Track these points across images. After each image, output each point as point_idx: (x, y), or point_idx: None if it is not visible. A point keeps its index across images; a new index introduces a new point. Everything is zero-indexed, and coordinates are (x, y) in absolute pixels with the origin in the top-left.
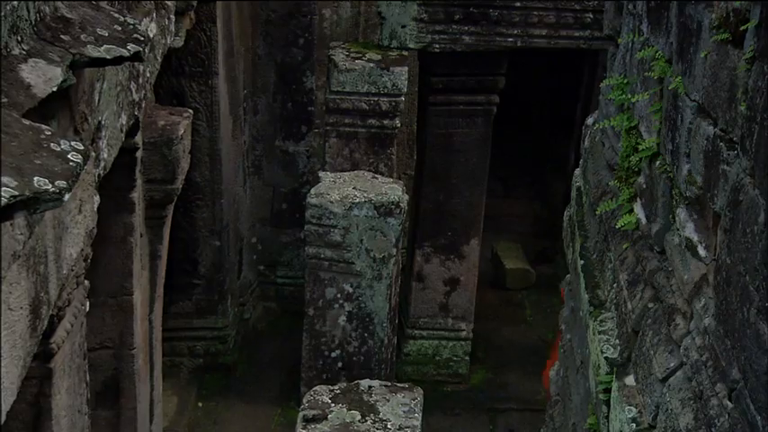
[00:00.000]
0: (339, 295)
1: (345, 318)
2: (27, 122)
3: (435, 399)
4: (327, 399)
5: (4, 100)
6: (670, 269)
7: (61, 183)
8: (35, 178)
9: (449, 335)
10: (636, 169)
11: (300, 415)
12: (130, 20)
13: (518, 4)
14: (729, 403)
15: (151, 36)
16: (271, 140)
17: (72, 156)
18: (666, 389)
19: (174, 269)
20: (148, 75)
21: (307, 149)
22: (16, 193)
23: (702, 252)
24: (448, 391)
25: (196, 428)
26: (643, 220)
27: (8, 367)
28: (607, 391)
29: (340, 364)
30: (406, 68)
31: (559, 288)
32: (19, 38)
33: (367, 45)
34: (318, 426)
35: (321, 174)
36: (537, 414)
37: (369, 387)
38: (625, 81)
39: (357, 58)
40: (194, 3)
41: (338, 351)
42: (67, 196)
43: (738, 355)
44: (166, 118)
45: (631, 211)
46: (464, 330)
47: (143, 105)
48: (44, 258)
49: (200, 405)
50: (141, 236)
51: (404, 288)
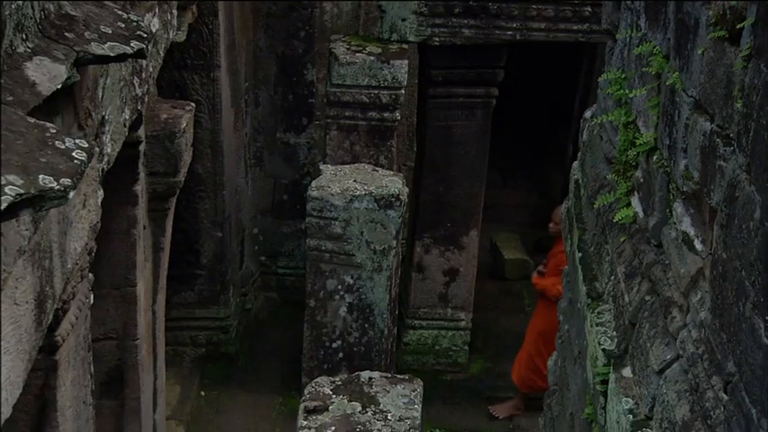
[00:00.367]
0: (340, 287)
1: (346, 309)
2: (32, 120)
3: (435, 388)
4: (328, 390)
5: (10, 98)
6: (667, 263)
7: (66, 180)
8: (40, 176)
9: (448, 325)
10: (633, 163)
11: (302, 406)
12: (134, 17)
13: None
14: (725, 396)
15: (154, 32)
16: (272, 132)
17: (77, 153)
18: (663, 381)
19: (177, 260)
20: (151, 69)
21: (307, 141)
22: (22, 192)
23: (699, 246)
24: (447, 380)
25: (198, 417)
26: (640, 214)
27: (14, 361)
28: (604, 383)
29: (341, 355)
30: (407, 61)
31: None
32: (24, 36)
33: (367, 38)
34: (319, 417)
35: (322, 166)
36: (534, 402)
37: (369, 378)
38: (623, 76)
39: (357, 52)
40: None
41: (339, 342)
42: (72, 194)
43: (734, 349)
44: (169, 111)
45: (629, 205)
46: (463, 320)
47: (146, 100)
48: (49, 253)
49: (202, 394)
50: (144, 228)
51: (404, 279)
